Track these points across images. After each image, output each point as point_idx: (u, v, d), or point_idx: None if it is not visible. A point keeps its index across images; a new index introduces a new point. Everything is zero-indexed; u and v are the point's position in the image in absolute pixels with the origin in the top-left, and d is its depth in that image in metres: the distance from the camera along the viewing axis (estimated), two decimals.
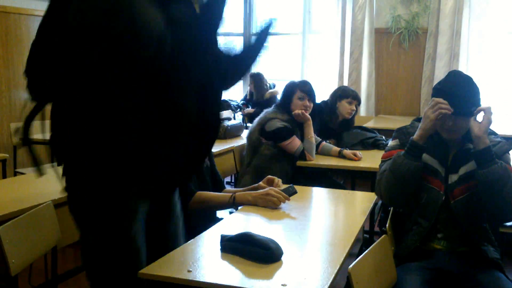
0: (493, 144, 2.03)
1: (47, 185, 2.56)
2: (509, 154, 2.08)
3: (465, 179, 2.05)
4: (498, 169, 1.92)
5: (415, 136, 2.02)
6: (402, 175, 2.01)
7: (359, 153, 3.32)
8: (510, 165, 2.03)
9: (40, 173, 1.63)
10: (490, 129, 2.14)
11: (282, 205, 2.19)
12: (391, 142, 2.22)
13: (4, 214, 2.03)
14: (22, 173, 3.98)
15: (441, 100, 1.97)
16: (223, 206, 2.35)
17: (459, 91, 1.99)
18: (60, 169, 1.65)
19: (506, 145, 2.08)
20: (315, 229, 2.01)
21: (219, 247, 1.68)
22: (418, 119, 2.18)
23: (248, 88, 6.59)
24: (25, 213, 2.01)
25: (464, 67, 5.64)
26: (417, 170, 2.01)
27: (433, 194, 2.06)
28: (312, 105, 3.38)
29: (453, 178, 2.06)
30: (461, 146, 2.08)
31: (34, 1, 4.92)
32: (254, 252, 1.60)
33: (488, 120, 1.96)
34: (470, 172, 2.03)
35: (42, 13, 1.58)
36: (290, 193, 2.25)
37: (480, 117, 1.99)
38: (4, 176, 3.30)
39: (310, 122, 3.33)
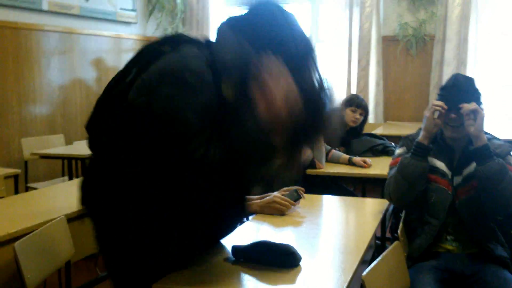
0: (495, 147, 2.09)
1: (60, 199, 2.59)
2: (511, 155, 2.13)
3: (467, 179, 2.11)
4: (495, 165, 1.99)
5: (419, 137, 2.11)
6: (409, 175, 2.09)
7: (368, 160, 3.32)
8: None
9: None
10: (491, 134, 2.17)
11: (293, 213, 2.20)
12: (398, 150, 2.28)
13: (18, 230, 2.05)
14: (34, 188, 4.02)
15: (436, 101, 2.10)
16: None
17: (453, 89, 2.10)
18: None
19: (508, 147, 2.14)
20: (327, 237, 2.01)
21: (232, 258, 1.68)
22: None
23: None
24: (39, 228, 2.02)
25: (471, 74, 5.63)
26: (424, 170, 2.09)
27: (442, 193, 2.12)
28: None
29: (458, 179, 2.13)
30: (465, 149, 2.14)
31: (44, 17, 4.99)
32: (274, 258, 1.60)
33: (481, 118, 2.03)
34: (472, 172, 2.09)
35: (52, 28, 1.57)
36: (295, 198, 2.26)
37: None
38: (16, 192, 3.33)
39: None
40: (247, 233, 2.03)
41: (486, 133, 2.17)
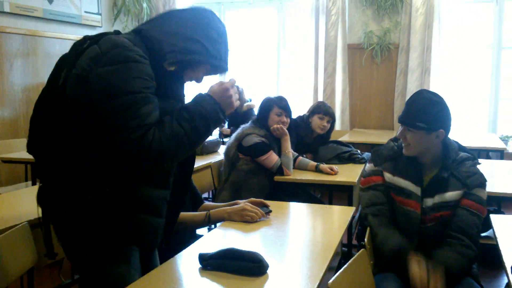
0: (468, 175, 2.07)
1: (23, 205, 2.52)
2: (483, 188, 2.10)
3: (439, 208, 2.09)
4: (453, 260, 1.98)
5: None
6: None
7: (335, 167, 3.35)
8: (480, 203, 2.06)
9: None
10: (461, 145, 2.19)
11: (261, 220, 2.20)
12: (367, 165, 2.26)
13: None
14: None
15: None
16: (199, 225, 2.34)
17: (409, 104, 2.08)
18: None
19: (481, 179, 2.10)
20: (294, 244, 2.02)
21: (199, 266, 1.67)
22: (395, 139, 2.22)
23: None
24: (1, 235, 1.97)
25: (435, 81, 5.77)
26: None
27: (410, 216, 2.10)
28: (288, 120, 3.42)
29: (428, 202, 2.10)
30: (438, 172, 2.10)
31: (6, 18, 4.87)
32: (241, 266, 1.60)
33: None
34: (445, 202, 2.08)
35: (14, 30, 1.64)
36: (266, 211, 2.27)
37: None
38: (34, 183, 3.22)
39: (288, 137, 3.36)
40: (214, 240, 2.02)
41: (463, 149, 2.16)
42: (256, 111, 6.20)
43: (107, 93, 1.49)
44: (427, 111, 2.03)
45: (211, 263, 1.65)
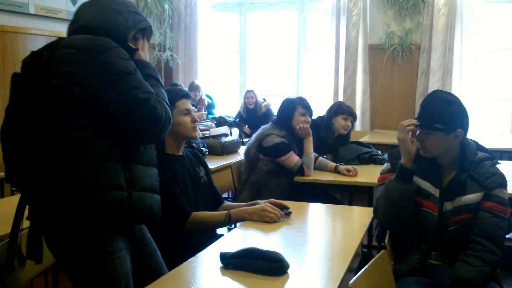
0: (487, 176, 2.02)
1: None
2: (503, 188, 2.05)
3: (459, 211, 2.05)
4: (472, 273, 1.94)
5: (402, 160, 2.05)
6: (395, 199, 2.03)
7: (354, 168, 3.34)
8: (502, 204, 2.02)
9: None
10: (479, 144, 2.15)
11: (280, 221, 2.21)
12: (384, 166, 2.24)
13: (6, 233, 2.02)
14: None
15: (405, 121, 2.04)
16: (219, 225, 2.36)
17: (425, 106, 2.04)
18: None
19: (501, 179, 2.05)
20: (314, 245, 2.02)
21: (220, 265, 1.69)
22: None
23: (241, 103, 6.63)
24: (24, 230, 2.00)
25: (457, 83, 5.71)
26: (408, 192, 2.03)
27: (427, 217, 2.07)
28: (310, 120, 3.42)
29: (448, 206, 2.06)
30: (456, 174, 2.07)
31: (31, 20, 4.96)
32: (262, 266, 1.62)
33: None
34: (465, 205, 2.04)
35: (39, 32, 1.67)
36: (285, 212, 2.27)
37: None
38: (2, 196, 3.29)
39: (311, 138, 3.36)
40: (235, 239, 2.03)
41: (482, 149, 2.12)
42: (273, 111, 6.26)
43: (106, 83, 1.57)
44: (444, 112, 1.99)
45: (232, 262, 1.67)
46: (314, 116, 3.68)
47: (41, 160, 1.58)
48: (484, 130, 5.61)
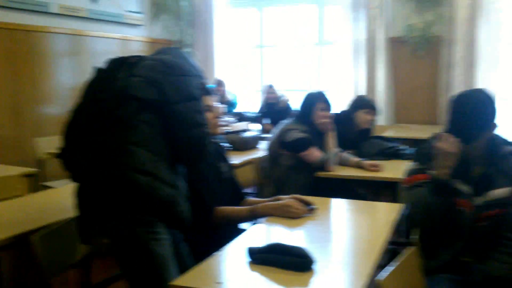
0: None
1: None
2: None
3: (489, 207, 2.01)
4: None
5: (437, 171, 1.95)
6: (437, 215, 1.96)
7: (378, 163, 3.31)
8: None
9: None
10: (503, 137, 2.11)
11: (305, 216, 2.20)
12: (411, 165, 2.19)
13: (38, 227, 2.06)
14: (49, 187, 4.03)
15: (448, 136, 1.95)
16: (243, 220, 2.36)
17: (461, 116, 1.98)
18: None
19: None
20: (340, 240, 2.01)
21: (247, 259, 1.69)
22: (437, 135, 2.15)
23: (263, 97, 6.63)
24: (57, 224, 2.06)
25: (480, 75, 5.62)
26: (452, 205, 1.96)
27: (462, 215, 2.02)
28: (332, 115, 3.40)
29: (478, 201, 2.02)
30: (486, 168, 2.03)
31: (54, 19, 5.02)
32: (289, 261, 1.61)
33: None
34: (494, 200, 2.00)
35: (61, 30, 1.85)
36: (309, 208, 2.26)
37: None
38: (33, 190, 3.35)
39: (333, 133, 3.34)
40: (261, 234, 2.03)
41: (508, 143, 2.07)
42: (292, 105, 6.24)
43: (180, 96, 1.85)
44: (481, 116, 1.95)
45: (259, 257, 1.67)
46: (336, 111, 3.66)
47: (102, 142, 1.76)
48: (509, 124, 5.52)
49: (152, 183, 1.76)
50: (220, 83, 6.44)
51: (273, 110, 6.42)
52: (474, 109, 1.95)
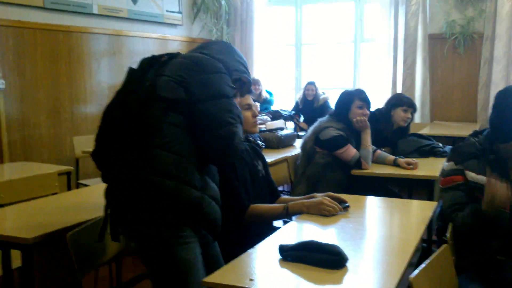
0: None
1: None
2: None
3: None
4: None
5: (485, 205, 1.93)
6: (483, 230, 1.99)
7: (414, 161, 3.27)
8: None
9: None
10: None
11: (338, 214, 2.20)
12: (447, 165, 2.16)
13: (73, 224, 2.12)
14: (85, 185, 4.15)
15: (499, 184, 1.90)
16: (277, 217, 2.38)
17: (501, 113, 1.97)
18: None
19: None
20: (373, 238, 2.00)
21: (279, 257, 1.71)
22: (475, 134, 2.12)
23: (299, 95, 6.63)
24: (91, 222, 2.11)
25: None
26: (499, 221, 1.96)
27: (500, 216, 1.99)
28: (368, 113, 3.38)
29: None
30: None
31: (94, 20, 5.15)
32: (321, 258, 1.62)
33: None
34: None
35: (102, 31, 1.86)
36: (343, 206, 2.26)
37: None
38: (69, 188, 3.45)
39: (369, 130, 3.33)
40: (293, 232, 2.05)
41: None
42: (331, 104, 6.21)
43: (207, 95, 1.81)
44: None
45: (291, 255, 1.68)
46: (373, 109, 3.63)
47: (129, 144, 1.76)
48: None
49: (177, 186, 1.75)
50: (256, 82, 6.49)
51: (309, 106, 6.42)
52: (507, 112, 1.93)
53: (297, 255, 1.67)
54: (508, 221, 1.99)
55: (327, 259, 1.62)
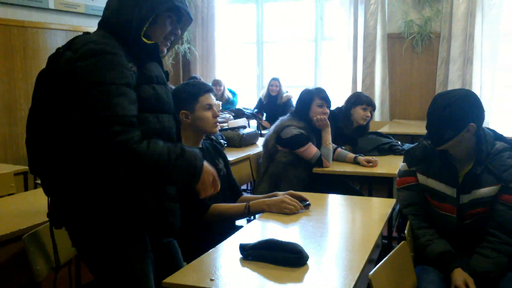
0: (504, 168, 1.97)
1: None
2: None
3: (475, 205, 2.03)
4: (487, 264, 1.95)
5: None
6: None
7: (374, 158, 3.32)
8: None
9: None
10: (498, 133, 2.10)
11: (299, 212, 2.21)
12: (402, 165, 2.22)
13: (28, 226, 2.07)
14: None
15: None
16: (238, 216, 2.37)
17: (430, 123, 2.02)
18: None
19: None
20: (334, 236, 2.02)
21: (240, 256, 1.70)
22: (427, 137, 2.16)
23: (262, 92, 6.64)
24: (48, 223, 2.04)
25: (478, 71, 5.62)
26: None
27: (446, 219, 2.08)
28: (328, 112, 3.41)
29: (464, 199, 2.04)
30: (473, 166, 2.02)
31: (50, 15, 5.01)
32: (282, 257, 1.62)
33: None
34: (480, 199, 2.01)
35: (58, 27, 1.70)
36: (304, 204, 2.28)
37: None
38: (26, 188, 3.35)
39: (329, 129, 3.35)
40: (254, 231, 2.04)
41: (500, 138, 2.06)
42: (293, 103, 6.25)
43: (81, 85, 1.50)
44: (447, 117, 1.94)
45: (252, 254, 1.68)
46: (333, 107, 3.67)
47: (60, 152, 1.59)
48: (506, 118, 5.52)
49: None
50: (218, 83, 6.46)
51: (273, 103, 6.44)
52: (442, 111, 1.96)
53: (257, 254, 1.66)
54: (453, 224, 2.08)
55: (288, 257, 1.62)
